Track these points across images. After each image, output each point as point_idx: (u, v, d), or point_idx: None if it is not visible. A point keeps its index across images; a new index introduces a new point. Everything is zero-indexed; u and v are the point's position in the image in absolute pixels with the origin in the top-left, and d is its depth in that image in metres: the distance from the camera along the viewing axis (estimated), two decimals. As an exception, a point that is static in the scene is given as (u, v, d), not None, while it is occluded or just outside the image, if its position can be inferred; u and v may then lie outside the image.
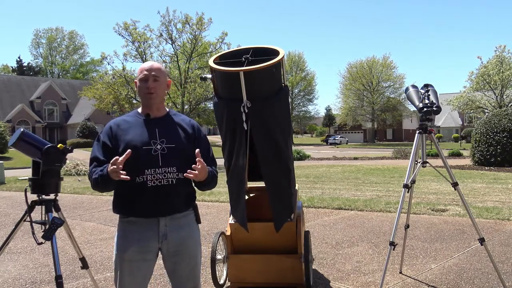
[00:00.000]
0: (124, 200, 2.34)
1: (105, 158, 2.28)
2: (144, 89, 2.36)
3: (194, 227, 2.47)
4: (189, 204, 2.44)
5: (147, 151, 2.29)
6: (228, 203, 3.80)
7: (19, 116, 48.49)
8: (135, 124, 2.38)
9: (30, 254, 5.39)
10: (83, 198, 10.39)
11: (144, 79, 2.36)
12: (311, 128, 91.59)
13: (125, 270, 2.32)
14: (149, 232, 2.31)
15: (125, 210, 2.35)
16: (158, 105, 2.43)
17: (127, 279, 2.32)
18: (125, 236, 2.34)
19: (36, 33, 74.14)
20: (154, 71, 2.37)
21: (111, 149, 2.31)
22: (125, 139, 2.31)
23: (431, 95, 3.75)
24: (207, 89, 22.66)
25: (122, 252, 2.32)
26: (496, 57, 33.16)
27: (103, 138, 2.35)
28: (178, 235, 2.35)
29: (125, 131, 2.35)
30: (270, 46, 3.31)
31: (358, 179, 13.21)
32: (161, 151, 2.30)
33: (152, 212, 2.30)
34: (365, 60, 60.12)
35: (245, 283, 3.92)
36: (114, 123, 2.41)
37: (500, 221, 6.62)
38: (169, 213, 2.32)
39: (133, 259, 2.30)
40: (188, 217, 2.42)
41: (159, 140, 2.33)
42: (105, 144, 2.33)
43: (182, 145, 2.36)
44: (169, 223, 2.33)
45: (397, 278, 4.21)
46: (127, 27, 22.94)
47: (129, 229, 2.33)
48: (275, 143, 3.28)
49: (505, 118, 15.97)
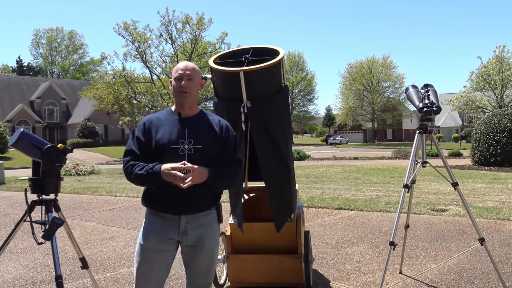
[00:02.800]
0: (151, 195, 2.40)
1: (140, 152, 2.36)
2: (178, 88, 2.40)
3: (215, 226, 2.50)
4: (213, 204, 2.47)
5: (174, 150, 2.34)
6: (228, 203, 3.81)
7: (19, 116, 48.48)
8: (167, 122, 2.43)
9: (30, 254, 5.39)
10: (83, 198, 10.39)
11: (179, 78, 2.41)
12: (311, 128, 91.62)
13: (145, 258, 2.38)
14: (170, 226, 2.38)
15: (151, 205, 2.42)
16: (191, 104, 2.47)
17: (146, 267, 2.38)
18: (149, 225, 2.42)
19: (36, 33, 74.22)
20: (189, 71, 2.42)
21: (144, 144, 2.38)
22: (155, 137, 2.37)
23: (431, 95, 3.75)
24: (207, 89, 22.65)
25: (144, 241, 2.39)
26: (496, 57, 33.15)
27: (137, 133, 2.41)
28: (198, 232, 2.40)
29: (156, 128, 2.40)
30: (270, 46, 3.31)
31: (358, 179, 13.21)
32: (187, 151, 2.34)
33: (175, 210, 2.36)
34: (365, 60, 60.17)
35: (245, 283, 3.92)
36: (148, 119, 2.47)
37: (500, 221, 6.62)
38: (191, 212, 2.37)
39: (153, 249, 2.37)
40: (209, 216, 2.46)
41: (187, 140, 2.37)
42: (139, 139, 2.39)
43: (209, 146, 2.39)
44: (190, 221, 2.38)
45: (397, 278, 4.21)
46: (127, 27, 22.93)
47: (153, 220, 2.41)
48: (275, 143, 3.28)
49: (505, 118, 15.96)
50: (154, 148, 2.35)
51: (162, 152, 2.34)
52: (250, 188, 4.21)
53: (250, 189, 4.20)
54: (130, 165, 2.34)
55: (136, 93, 24.28)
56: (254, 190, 4.22)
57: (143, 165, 2.30)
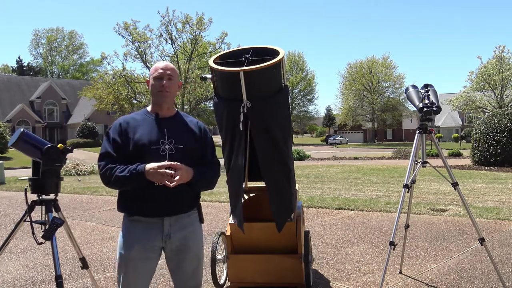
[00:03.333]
0: (130, 199, 2.33)
1: (116, 154, 2.30)
2: (158, 87, 2.37)
3: (197, 227, 2.48)
4: (194, 204, 2.46)
5: (155, 151, 2.30)
6: (228, 203, 3.81)
7: (19, 116, 48.48)
8: (144, 123, 2.38)
9: (30, 254, 5.39)
10: (83, 198, 10.39)
11: (159, 77, 2.38)
12: (311, 128, 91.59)
13: (130, 268, 2.33)
14: (153, 231, 2.32)
15: (131, 209, 2.35)
16: (169, 105, 2.44)
17: (131, 277, 2.33)
18: (129, 234, 2.34)
19: (35, 33, 74.10)
20: (169, 70, 2.40)
21: (121, 145, 2.32)
22: (134, 138, 2.32)
23: (431, 95, 3.75)
24: (207, 89, 22.66)
25: (127, 251, 2.33)
26: (496, 57, 33.16)
27: (113, 135, 2.35)
28: (181, 234, 2.37)
29: (134, 129, 2.35)
30: (270, 46, 3.31)
31: (358, 179, 13.20)
32: (169, 151, 2.32)
33: (158, 212, 2.31)
34: (365, 60, 60.17)
35: (245, 283, 3.92)
36: (124, 120, 2.41)
37: (500, 221, 6.62)
38: (174, 213, 2.34)
39: (137, 258, 2.31)
40: (191, 217, 2.44)
41: (167, 140, 2.34)
42: (115, 140, 2.33)
43: (190, 146, 2.38)
44: (173, 223, 2.34)
45: (397, 278, 4.21)
46: (127, 27, 22.95)
47: (133, 227, 2.34)
48: (275, 143, 3.28)
49: (505, 118, 15.96)
50: (133, 149, 2.29)
51: (142, 153, 2.28)
52: (250, 188, 4.21)
53: (250, 189, 4.20)
54: (108, 168, 2.27)
55: (136, 93, 24.30)
56: (254, 190, 4.22)
57: (123, 167, 2.24)
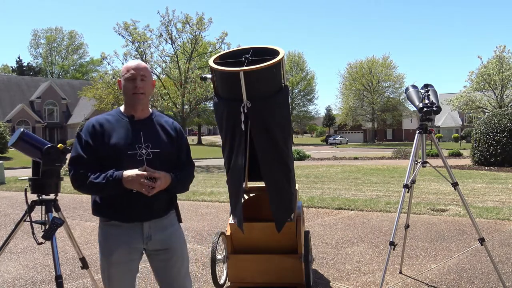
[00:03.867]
0: (107, 204, 2.26)
1: (89, 157, 2.20)
2: (132, 89, 2.27)
3: (177, 227, 2.45)
4: (171, 206, 2.42)
5: (132, 156, 2.22)
6: (228, 203, 3.80)
7: (19, 116, 48.49)
8: (119, 126, 2.27)
9: (30, 254, 5.39)
10: (83, 198, 10.38)
11: (131, 78, 2.27)
12: (311, 128, 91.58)
13: (113, 273, 2.28)
14: (133, 234, 2.28)
15: (108, 214, 2.28)
16: (144, 106, 2.34)
17: (117, 281, 2.29)
18: (108, 239, 2.29)
19: (34, 33, 73.98)
20: (142, 70, 2.29)
21: (94, 148, 2.22)
22: (110, 142, 2.22)
23: (431, 95, 3.75)
24: (207, 89, 22.66)
25: (109, 256, 2.27)
26: (496, 57, 33.17)
27: (85, 137, 2.24)
28: (163, 235, 2.33)
29: (109, 133, 2.24)
30: (270, 46, 3.31)
31: (358, 179, 13.21)
32: (146, 156, 2.24)
33: (136, 217, 2.26)
34: (365, 60, 60.22)
35: (245, 283, 3.92)
36: (97, 121, 2.28)
37: (500, 221, 6.62)
38: (152, 218, 2.29)
39: (121, 261, 2.27)
40: (170, 217, 2.41)
41: (144, 145, 2.26)
42: (88, 143, 2.22)
43: (167, 150, 2.32)
44: (153, 226, 2.31)
45: (397, 278, 4.21)
46: (127, 27, 22.95)
47: (112, 232, 2.28)
48: (275, 143, 3.28)
49: (505, 118, 15.96)
50: (108, 153, 2.20)
51: (118, 158, 2.19)
52: (250, 188, 4.21)
53: (250, 189, 4.21)
54: (81, 174, 2.18)
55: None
56: (254, 190, 4.22)
57: (98, 173, 2.16)
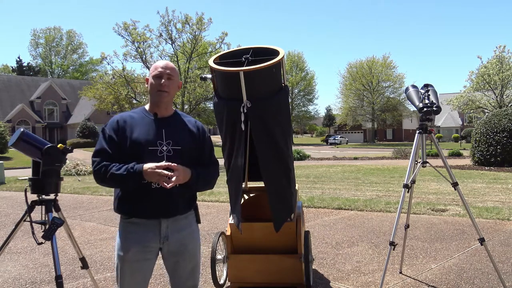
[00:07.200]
0: (127, 201, 2.31)
1: (112, 152, 2.26)
2: (157, 86, 2.33)
3: (195, 228, 2.47)
4: (191, 205, 2.44)
5: (152, 152, 2.26)
6: (228, 203, 3.80)
7: (19, 116, 48.48)
8: (142, 122, 2.34)
9: (30, 254, 5.39)
10: (83, 198, 10.39)
11: (158, 76, 2.33)
12: (311, 128, 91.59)
13: (127, 270, 2.31)
14: (150, 233, 2.30)
15: (128, 211, 2.33)
16: (167, 104, 2.40)
17: (129, 279, 2.32)
18: (126, 236, 2.33)
19: (34, 33, 73.91)
20: (169, 70, 2.36)
21: (118, 143, 2.27)
22: (131, 137, 2.27)
23: (431, 95, 3.75)
24: (207, 89, 22.68)
25: (124, 253, 2.31)
26: (496, 57, 33.17)
27: (109, 132, 2.30)
28: (179, 236, 2.35)
29: (131, 128, 2.30)
30: (270, 46, 3.31)
31: (358, 179, 13.20)
32: (166, 153, 2.28)
33: (155, 213, 2.29)
34: (365, 60, 60.18)
35: (245, 283, 3.92)
36: (121, 117, 2.36)
37: (500, 221, 6.62)
38: (171, 215, 2.32)
39: (135, 260, 2.30)
40: (188, 218, 2.42)
41: (165, 141, 2.30)
42: (112, 137, 2.29)
43: (188, 147, 2.35)
44: (170, 225, 2.33)
45: (397, 278, 4.21)
46: (127, 27, 22.96)
47: (130, 229, 2.32)
48: (275, 143, 3.28)
49: (505, 118, 15.96)
50: (130, 149, 2.25)
51: (139, 153, 2.24)
52: (250, 188, 4.21)
53: (250, 189, 4.21)
54: (103, 165, 2.22)
55: (136, 93, 24.31)
56: (254, 190, 4.22)
57: (120, 165, 2.21)
